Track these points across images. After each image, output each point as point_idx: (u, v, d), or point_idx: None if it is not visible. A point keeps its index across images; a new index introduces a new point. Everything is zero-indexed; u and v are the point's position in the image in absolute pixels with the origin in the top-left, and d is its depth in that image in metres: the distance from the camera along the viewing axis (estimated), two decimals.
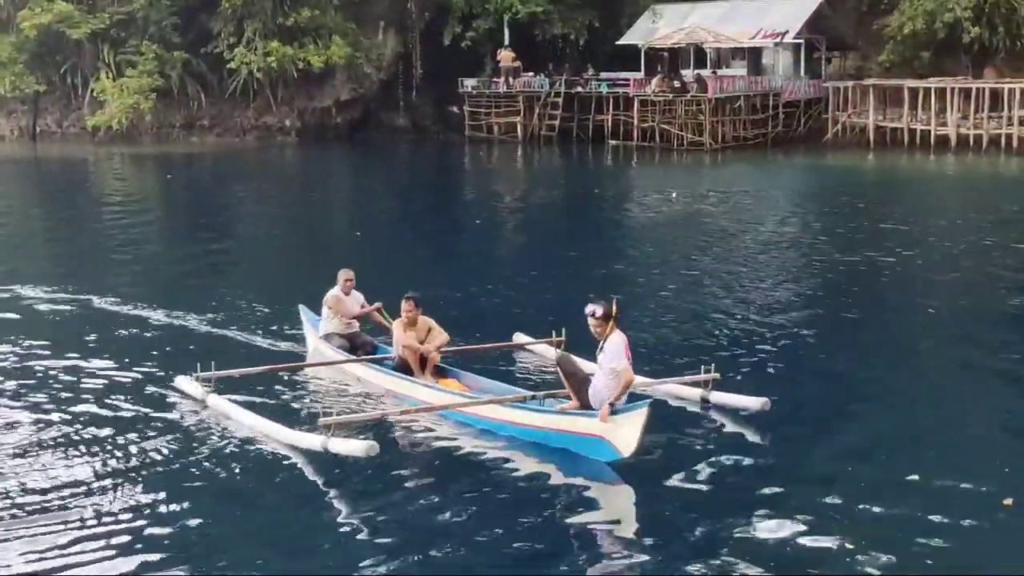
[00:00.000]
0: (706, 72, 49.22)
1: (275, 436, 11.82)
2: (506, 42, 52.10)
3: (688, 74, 49.29)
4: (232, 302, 18.51)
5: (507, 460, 11.41)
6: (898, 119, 46.58)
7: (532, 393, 12.38)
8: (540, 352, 14.82)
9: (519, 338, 15.25)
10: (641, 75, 49.87)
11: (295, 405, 13.14)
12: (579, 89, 51.33)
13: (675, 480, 10.80)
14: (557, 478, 11.00)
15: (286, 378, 13.98)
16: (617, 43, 52.19)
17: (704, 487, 10.70)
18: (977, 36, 45.43)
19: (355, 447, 10.91)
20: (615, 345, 11.25)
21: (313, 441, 11.30)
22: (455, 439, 11.99)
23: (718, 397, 12.67)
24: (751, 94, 48.45)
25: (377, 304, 14.89)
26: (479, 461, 11.48)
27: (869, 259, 22.75)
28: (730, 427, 12.26)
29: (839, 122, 48.07)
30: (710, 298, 19.08)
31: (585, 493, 10.73)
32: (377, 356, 14.33)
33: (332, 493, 10.90)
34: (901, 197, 34.45)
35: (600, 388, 11.35)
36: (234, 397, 12.97)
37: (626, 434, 10.83)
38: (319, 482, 11.08)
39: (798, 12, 48.95)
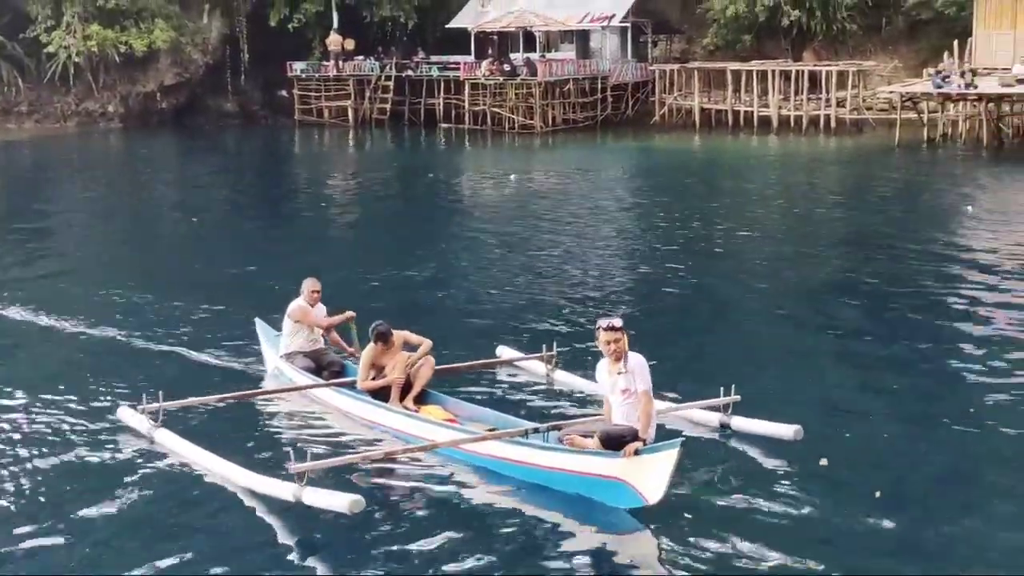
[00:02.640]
0: (535, 56, 49.62)
1: (236, 480, 10.04)
2: (335, 25, 51.58)
3: (518, 58, 49.60)
4: (91, 297, 17.86)
5: (509, 507, 9.73)
6: (722, 101, 47.72)
7: (534, 425, 10.61)
8: (529, 369, 13.28)
9: (505, 353, 13.77)
10: (471, 59, 50.01)
11: (258, 440, 11.39)
12: (410, 73, 51.19)
13: (706, 527, 9.20)
14: (568, 529, 9.37)
15: (246, 406, 12.25)
16: (447, 26, 52.22)
17: (740, 537, 9.04)
18: (796, 20, 46.84)
19: (336, 501, 9.08)
20: (642, 365, 9.65)
21: (283, 489, 9.50)
22: (446, 482, 10.25)
23: (741, 423, 11.12)
24: (580, 77, 49.01)
25: (350, 313, 13.14)
26: (475, 508, 9.81)
27: (700, 235, 23.48)
28: (758, 458, 10.71)
29: (666, 104, 49.00)
30: (562, 280, 19.45)
31: (600, 545, 9.17)
32: (348, 379, 12.41)
33: (306, 552, 9.08)
34: (727, 176, 35.40)
35: (622, 414, 9.73)
36: (186, 427, 11.39)
37: (653, 477, 9.09)
38: (289, 539, 9.29)
39: None
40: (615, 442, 9.45)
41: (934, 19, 46.09)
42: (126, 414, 11.70)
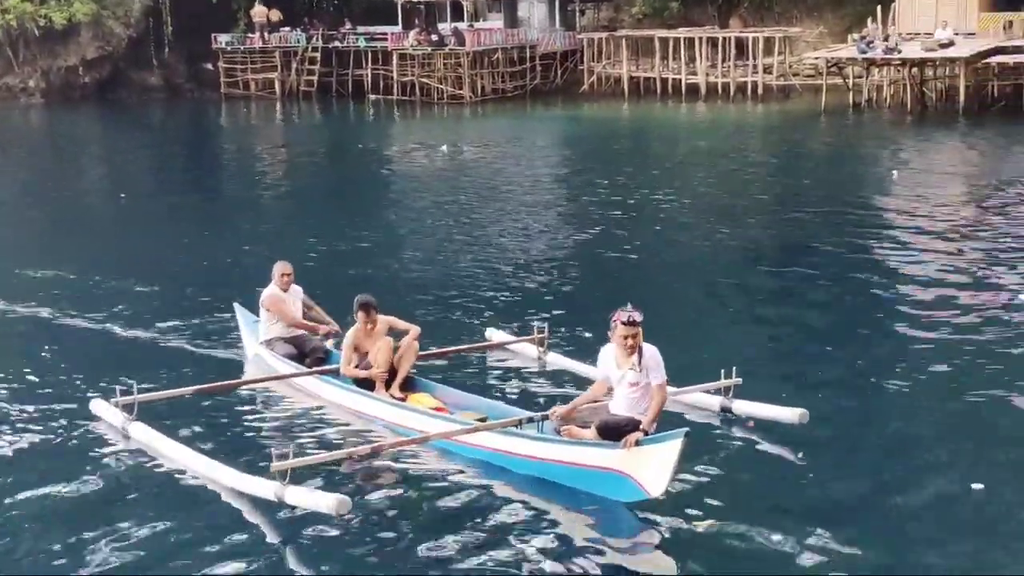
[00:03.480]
0: (463, 25, 49.38)
1: (215, 478, 9.48)
2: None
3: (445, 27, 49.33)
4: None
5: (503, 502, 9.19)
6: (650, 69, 47.86)
7: (528, 414, 9.99)
8: (521, 352, 12.76)
9: (495, 336, 13.22)
10: (399, 29, 49.69)
11: (238, 434, 10.83)
12: (337, 44, 50.77)
13: (711, 519, 8.71)
14: (566, 523, 8.86)
15: (225, 398, 11.63)
16: None
17: (746, 527, 8.57)
18: None
19: (321, 501, 8.53)
20: (657, 359, 9.15)
21: (264, 488, 8.96)
22: (437, 475, 9.71)
23: (743, 407, 10.67)
24: (508, 47, 48.90)
25: (334, 328, 12.44)
26: (468, 503, 9.20)
27: (634, 203, 23.65)
28: (762, 444, 10.30)
29: (594, 73, 49.02)
30: (505, 250, 19.47)
31: (599, 539, 8.66)
32: (332, 366, 11.80)
33: (289, 553, 8.55)
34: (657, 143, 35.64)
35: (625, 406, 9.27)
36: (162, 420, 10.75)
37: (656, 470, 8.59)
38: (272, 539, 8.76)
39: None
40: (614, 432, 9.03)
41: None
42: (99, 407, 11.04)
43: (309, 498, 8.68)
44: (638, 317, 9.00)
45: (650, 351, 9.12)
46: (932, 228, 20.49)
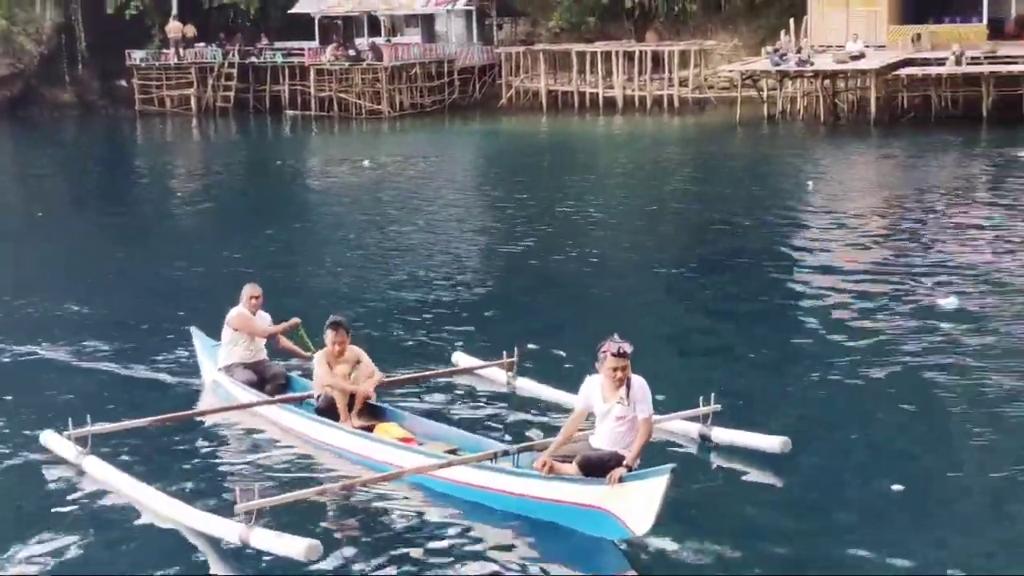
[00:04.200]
0: (381, 40, 49.34)
1: (175, 517, 9.00)
2: (174, 12, 50.51)
3: (363, 42, 49.24)
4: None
5: (480, 540, 8.82)
6: (568, 83, 48.11)
7: (504, 447, 9.66)
8: (490, 377, 12.38)
9: (463, 360, 12.84)
10: (316, 44, 49.49)
11: (199, 468, 10.30)
12: (253, 59, 50.43)
13: (691, 553, 8.50)
14: (546, 561, 8.54)
15: (185, 428, 11.12)
16: (290, 12, 51.49)
17: (726, 559, 8.45)
18: (639, 2, 47.41)
19: (290, 546, 8.13)
20: (645, 391, 8.79)
21: (228, 529, 8.52)
22: (410, 512, 9.29)
23: (723, 435, 10.36)
24: (426, 61, 48.88)
25: (295, 320, 12.26)
26: (444, 542, 8.78)
27: (555, 216, 23.84)
28: (746, 474, 10.03)
29: (512, 87, 49.17)
30: (435, 271, 19.40)
31: None
32: (295, 394, 11.41)
33: None
34: (576, 156, 35.81)
35: (609, 440, 8.85)
36: (118, 453, 10.33)
37: (640, 507, 8.21)
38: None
39: None
40: (597, 467, 8.64)
41: None
42: (51, 440, 10.46)
43: (276, 542, 8.25)
44: (628, 349, 8.61)
45: (638, 383, 8.74)
46: (849, 237, 20.89)
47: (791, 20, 43.00)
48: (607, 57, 47.00)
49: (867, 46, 40.64)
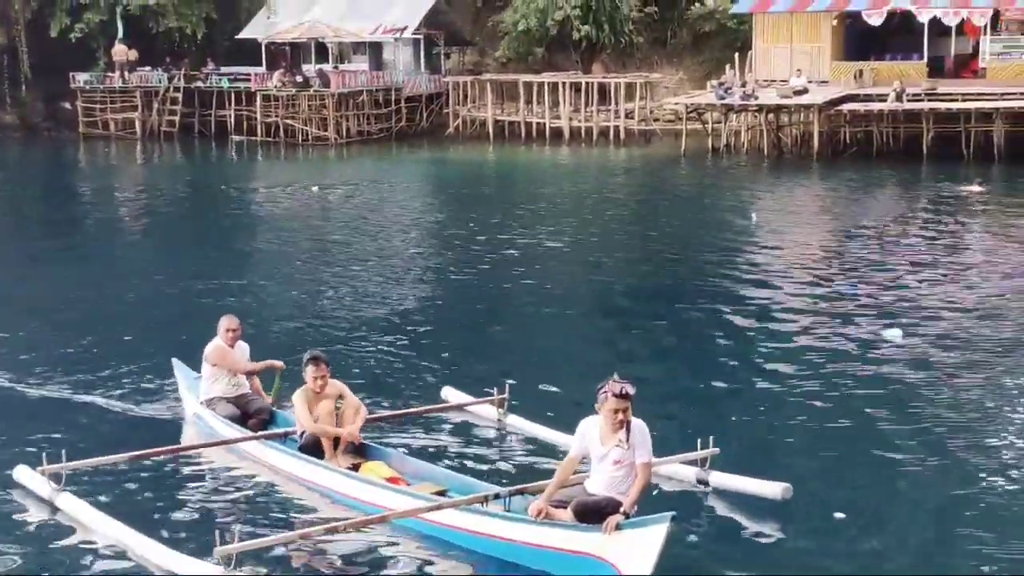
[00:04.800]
0: (328, 67, 49.35)
1: (152, 559, 8.67)
2: (120, 35, 50.22)
3: (310, 69, 49.21)
4: None
5: None
6: (515, 113, 48.36)
7: (495, 489, 9.27)
8: (480, 414, 12.04)
9: (451, 396, 12.49)
10: (263, 70, 49.39)
11: (178, 506, 9.93)
12: (199, 84, 50.24)
13: None
14: None
15: (163, 465, 10.76)
16: (237, 37, 51.43)
17: None
18: (586, 34, 47.80)
19: None
20: (645, 434, 8.53)
21: (207, 573, 8.28)
22: (397, 556, 8.96)
23: (721, 480, 10.02)
24: (373, 89, 48.92)
25: (278, 364, 11.88)
26: None
27: (501, 245, 23.84)
28: (746, 521, 9.70)
29: (460, 116, 49.33)
30: (394, 300, 19.46)
31: None
32: (278, 430, 11.04)
33: None
34: (522, 186, 35.99)
35: (605, 485, 8.58)
36: (94, 490, 9.98)
37: (639, 556, 7.94)
38: None
39: (416, 7, 49.87)
40: (593, 514, 8.34)
41: (717, 32, 47.74)
42: (23, 475, 10.09)
43: None
44: (631, 390, 8.33)
45: (639, 426, 8.45)
46: (793, 269, 21.14)
47: (736, 55, 43.57)
48: (554, 88, 47.30)
49: (810, 81, 41.29)
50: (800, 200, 32.03)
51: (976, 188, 30.76)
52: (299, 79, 47.71)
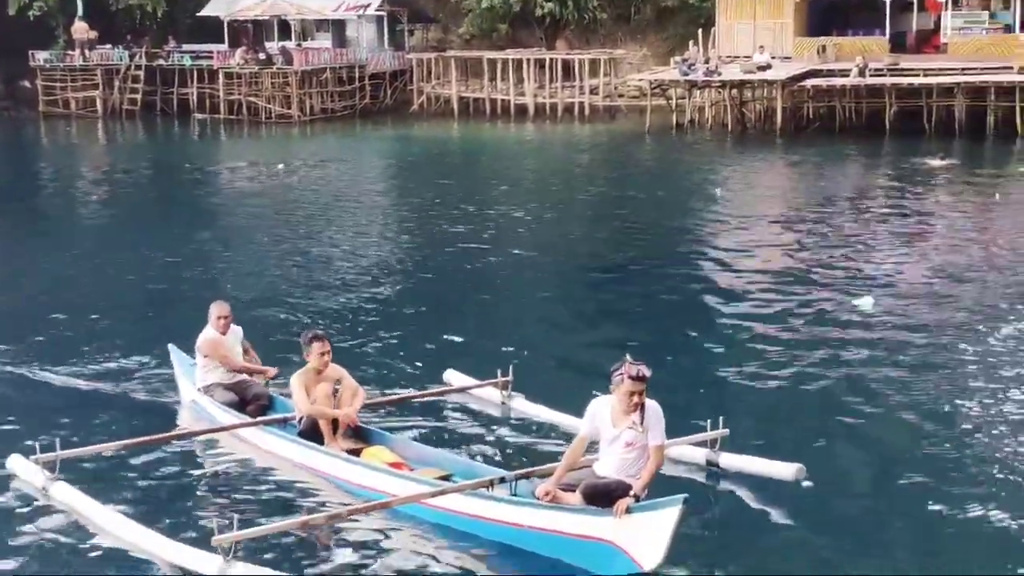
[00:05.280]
0: (291, 44, 49.11)
1: (149, 548, 8.40)
2: (80, 12, 49.71)
3: (273, 46, 48.96)
4: None
5: (474, 572, 8.29)
6: (479, 89, 48.30)
7: (501, 473, 8.99)
8: (483, 397, 11.77)
9: (454, 379, 12.20)
10: (225, 47, 49.10)
11: (175, 495, 9.67)
12: (161, 62, 49.90)
13: None
14: None
15: (160, 452, 10.46)
16: (199, 15, 51.06)
17: None
18: (549, 10, 47.74)
19: None
20: (659, 417, 8.29)
21: (205, 563, 7.95)
22: (401, 544, 8.64)
23: (731, 461, 9.78)
24: (337, 66, 48.73)
25: (274, 370, 11.58)
26: (435, 574, 8.23)
27: (468, 222, 23.91)
28: (757, 503, 9.38)
29: (424, 93, 49.23)
30: (318, 271, 19.42)
31: None
32: (276, 415, 10.76)
33: None
34: (487, 163, 36.04)
35: (615, 467, 8.34)
36: (88, 479, 9.65)
37: (650, 540, 7.69)
38: None
39: None
40: (602, 497, 8.11)
41: (680, 8, 47.77)
42: (16, 464, 9.82)
43: None
44: (647, 372, 8.09)
45: (653, 408, 8.21)
46: (758, 242, 21.30)
47: (699, 31, 43.69)
48: (518, 65, 47.26)
49: (773, 57, 41.43)
50: (764, 175, 32.23)
51: (940, 162, 31.05)
52: (262, 57, 47.48)
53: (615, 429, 8.24)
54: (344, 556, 8.34)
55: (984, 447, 10.59)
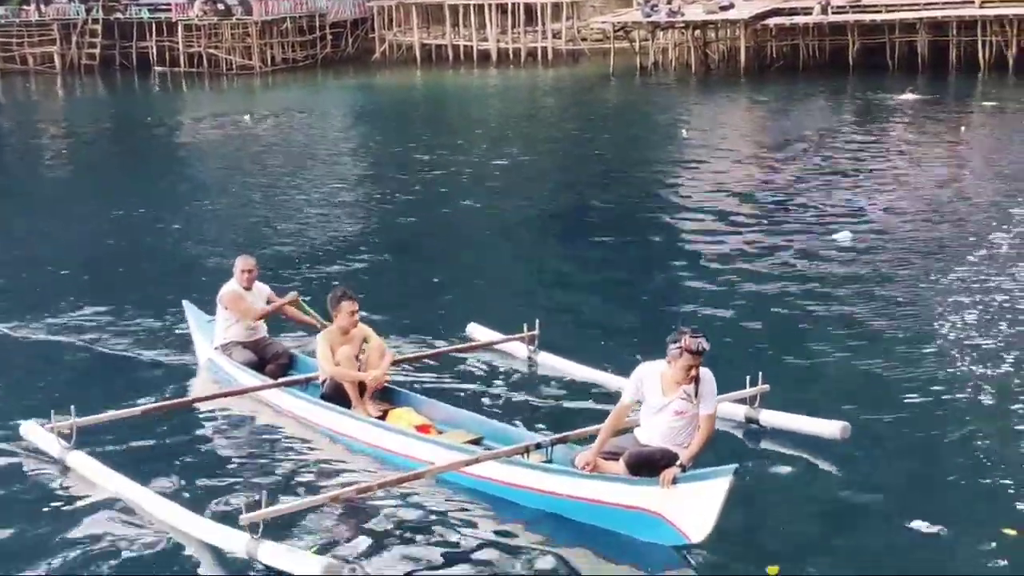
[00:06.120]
0: None
1: (171, 522, 7.89)
2: None
3: None
4: None
5: (511, 546, 7.68)
6: (442, 36, 48.05)
7: (537, 438, 8.55)
8: (509, 352, 11.26)
9: (478, 333, 11.67)
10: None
11: (196, 463, 9.08)
12: (119, 15, 49.35)
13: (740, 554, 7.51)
14: (588, 568, 7.48)
15: (179, 417, 9.88)
16: None
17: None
18: None
19: (305, 565, 7.04)
20: (712, 384, 7.87)
21: (232, 540, 7.43)
22: (430, 513, 8.12)
23: (772, 418, 9.33)
24: (297, 15, 48.35)
25: (292, 295, 11.07)
26: (468, 550, 7.60)
27: (437, 169, 23.83)
28: (800, 463, 8.84)
29: (386, 41, 48.93)
30: (304, 214, 19.28)
31: None
32: (298, 376, 10.27)
33: None
34: (453, 110, 35.93)
35: (660, 435, 7.91)
36: (106, 447, 9.12)
37: (698, 512, 7.28)
38: None
39: None
40: (647, 466, 7.73)
41: None
42: (32, 432, 9.27)
43: (289, 559, 7.13)
44: (707, 346, 7.67)
45: (708, 377, 7.82)
46: (728, 181, 21.35)
47: None
48: (480, 10, 47.04)
49: None
50: (729, 114, 32.34)
51: (909, 96, 31.19)
52: (221, 7, 47.03)
53: (664, 398, 7.84)
54: (375, 528, 7.92)
55: None
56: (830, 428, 8.90)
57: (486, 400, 10.19)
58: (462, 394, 10.30)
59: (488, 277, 15.26)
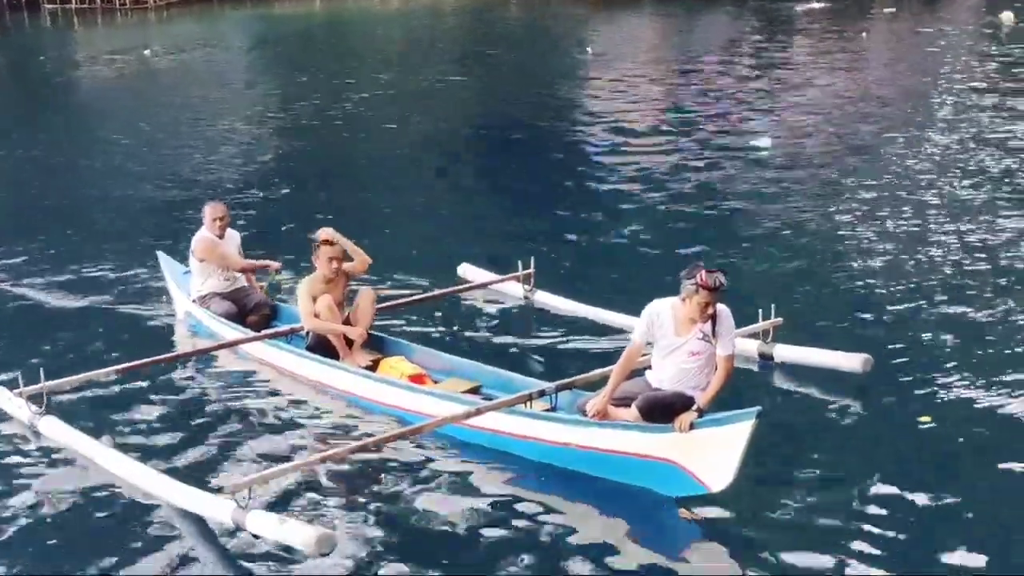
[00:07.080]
0: None
1: (151, 490, 7.30)
2: None
3: None
4: None
5: (520, 501, 7.10)
6: None
7: (539, 385, 7.89)
8: (504, 291, 10.73)
9: (470, 273, 11.10)
10: None
11: (174, 424, 8.37)
12: None
13: (759, 505, 6.90)
14: (597, 524, 6.89)
15: (156, 375, 9.15)
16: None
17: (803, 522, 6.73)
18: None
19: (297, 535, 6.38)
20: (730, 322, 7.27)
21: (218, 509, 6.81)
22: (429, 468, 7.53)
23: (786, 353, 8.82)
24: None
25: (275, 264, 10.34)
26: (473, 508, 6.99)
27: (346, 100, 23.64)
28: (819, 399, 8.32)
29: None
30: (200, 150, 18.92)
31: (642, 540, 6.76)
32: (281, 327, 9.61)
33: None
34: (355, 39, 35.69)
35: (673, 377, 7.33)
36: (79, 412, 8.50)
37: (717, 459, 6.73)
38: (227, 569, 6.62)
39: None
40: (661, 411, 7.12)
41: None
42: (1, 399, 8.62)
43: (279, 529, 6.50)
44: (725, 281, 7.07)
45: (725, 314, 7.24)
46: (640, 95, 21.57)
47: None
48: None
49: None
50: (635, 31, 32.51)
51: (816, 5, 31.52)
52: None
53: (679, 338, 7.27)
54: (370, 489, 7.39)
55: None
56: (851, 361, 8.41)
57: (483, 345, 9.58)
58: (456, 340, 9.73)
59: (452, 209, 14.78)
